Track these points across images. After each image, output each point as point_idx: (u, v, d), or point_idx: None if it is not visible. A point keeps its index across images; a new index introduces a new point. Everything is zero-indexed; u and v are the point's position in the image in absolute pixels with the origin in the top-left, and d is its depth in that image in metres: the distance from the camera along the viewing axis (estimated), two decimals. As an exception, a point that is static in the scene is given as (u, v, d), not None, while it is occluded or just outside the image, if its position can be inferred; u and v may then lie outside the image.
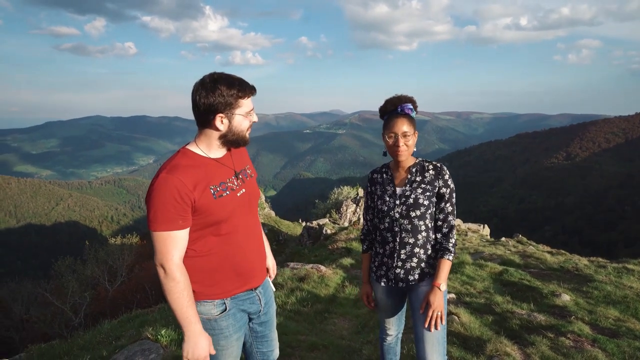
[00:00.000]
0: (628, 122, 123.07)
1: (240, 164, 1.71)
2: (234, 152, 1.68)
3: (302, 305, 4.61)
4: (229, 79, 1.49)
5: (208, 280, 1.57)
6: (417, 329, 1.94)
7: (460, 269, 5.84)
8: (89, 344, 4.08)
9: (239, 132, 1.57)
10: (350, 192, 18.64)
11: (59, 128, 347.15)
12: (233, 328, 1.64)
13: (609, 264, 6.51)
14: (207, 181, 1.51)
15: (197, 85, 1.49)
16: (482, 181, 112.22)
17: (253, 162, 1.86)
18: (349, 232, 11.38)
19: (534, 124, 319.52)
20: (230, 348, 1.66)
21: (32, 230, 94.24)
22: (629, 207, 72.31)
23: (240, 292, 1.65)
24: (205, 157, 1.57)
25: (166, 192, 1.41)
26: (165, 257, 1.44)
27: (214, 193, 1.52)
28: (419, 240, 1.95)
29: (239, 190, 1.63)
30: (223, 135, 1.56)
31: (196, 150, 1.56)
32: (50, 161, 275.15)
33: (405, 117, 1.92)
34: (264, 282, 1.79)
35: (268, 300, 1.82)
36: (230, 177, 1.62)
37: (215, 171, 1.57)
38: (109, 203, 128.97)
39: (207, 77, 1.50)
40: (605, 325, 3.64)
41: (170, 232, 1.43)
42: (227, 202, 1.55)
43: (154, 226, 1.43)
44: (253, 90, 1.56)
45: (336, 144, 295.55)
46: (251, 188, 1.71)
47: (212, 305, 1.59)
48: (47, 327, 10.46)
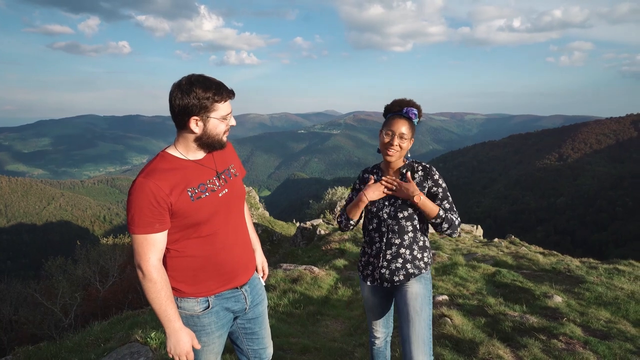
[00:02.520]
0: (619, 124, 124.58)
1: (223, 163, 1.70)
2: (216, 152, 1.67)
3: (295, 307, 4.58)
4: (206, 81, 1.48)
5: (191, 280, 1.59)
6: (403, 330, 1.95)
7: (453, 270, 5.84)
8: (78, 347, 4.01)
9: (214, 135, 1.56)
10: (345, 192, 18.64)
11: (51, 127, 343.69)
12: (215, 325, 1.65)
13: (600, 265, 6.56)
14: (185, 184, 1.52)
15: (174, 86, 1.48)
16: (475, 182, 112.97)
17: (247, 162, 1.84)
18: (342, 233, 11.36)
19: (526, 125, 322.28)
20: (212, 345, 1.68)
21: (23, 230, 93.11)
22: (620, 208, 73.15)
23: (225, 291, 1.66)
24: (184, 159, 1.57)
25: (143, 196, 1.43)
26: (143, 258, 1.47)
27: (192, 195, 1.52)
28: (405, 241, 1.97)
29: (221, 191, 1.62)
30: (198, 137, 1.55)
31: (175, 153, 1.57)
32: (42, 160, 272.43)
33: (407, 120, 1.94)
34: (251, 279, 1.79)
35: (256, 297, 1.81)
36: (211, 178, 1.61)
37: (194, 173, 1.57)
38: (102, 203, 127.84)
39: (184, 79, 1.49)
40: (597, 327, 3.65)
41: (147, 235, 1.46)
42: (206, 203, 1.55)
43: (132, 229, 1.46)
44: (231, 94, 1.55)
45: (330, 145, 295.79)
46: (235, 187, 1.71)
47: (196, 302, 1.61)
48: (37, 328, 10.31)
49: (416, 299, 1.94)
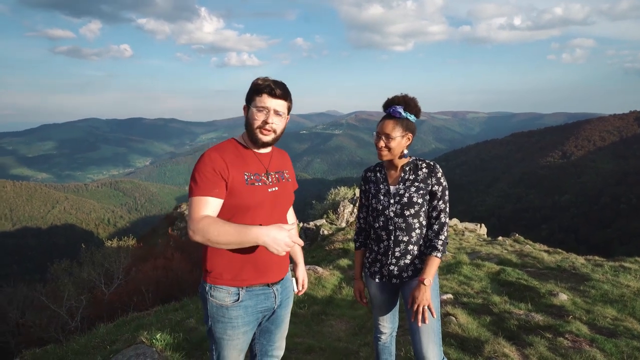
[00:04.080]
0: (622, 121, 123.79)
1: (278, 166, 1.81)
2: (275, 153, 1.81)
3: (299, 307, 4.58)
4: (263, 78, 1.65)
5: (226, 266, 1.66)
6: (412, 323, 1.95)
7: (457, 269, 5.83)
8: (84, 349, 4.04)
9: (250, 124, 1.67)
10: (347, 192, 18.62)
11: (54, 131, 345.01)
12: (242, 320, 1.69)
13: (605, 262, 6.53)
14: (244, 167, 1.66)
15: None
16: (478, 180, 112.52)
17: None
18: (346, 232, 11.36)
19: (529, 123, 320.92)
20: (236, 340, 1.70)
21: (28, 234, 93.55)
22: (625, 205, 72.69)
23: (256, 284, 1.70)
24: (246, 147, 1.72)
25: (207, 163, 1.58)
26: (195, 217, 1.52)
27: (247, 179, 1.64)
28: (412, 237, 1.98)
29: (271, 187, 1.71)
30: (245, 125, 1.70)
31: (240, 141, 1.74)
32: (46, 164, 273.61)
33: (392, 119, 1.94)
34: (283, 281, 1.83)
35: (284, 300, 1.84)
36: (265, 173, 1.72)
37: (252, 162, 1.70)
38: (106, 205, 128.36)
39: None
40: (603, 325, 3.63)
41: (203, 197, 1.54)
42: (257, 191, 1.65)
43: (194, 191, 1.56)
44: (270, 89, 1.62)
45: (333, 145, 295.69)
46: (285, 190, 1.79)
47: (227, 293, 1.66)
48: (43, 331, 10.35)
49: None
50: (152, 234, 27.91)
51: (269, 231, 1.50)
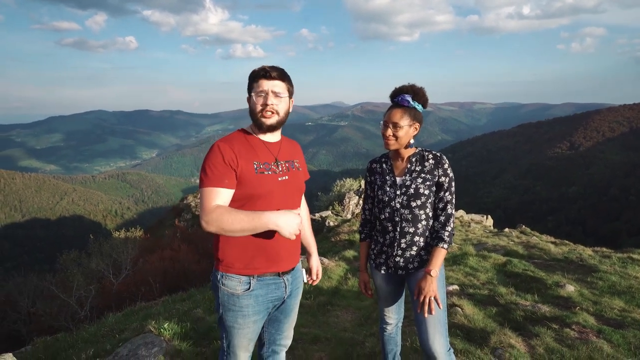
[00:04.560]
0: (633, 111, 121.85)
1: (288, 155, 1.82)
2: (285, 143, 1.82)
3: (305, 298, 4.60)
4: (260, 67, 1.69)
5: (238, 254, 1.67)
6: (418, 314, 1.95)
7: (463, 260, 5.81)
8: (94, 337, 4.10)
9: (252, 110, 1.69)
10: (353, 184, 18.60)
11: (62, 123, 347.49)
12: (253, 309, 1.71)
13: (613, 254, 6.48)
14: (253, 156, 1.67)
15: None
16: (485, 172, 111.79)
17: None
18: (351, 224, 11.37)
19: (537, 113, 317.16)
20: (247, 328, 1.73)
21: (37, 225, 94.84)
22: (634, 197, 71.93)
23: (267, 274, 1.72)
24: (255, 136, 1.73)
25: (217, 155, 1.60)
26: (207, 208, 1.54)
27: (256, 168, 1.66)
28: (419, 229, 1.97)
29: (281, 176, 1.72)
30: (250, 115, 1.72)
31: (248, 130, 1.75)
32: (54, 156, 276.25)
33: (400, 107, 1.92)
34: (294, 271, 1.84)
35: (294, 290, 1.85)
36: (275, 161, 1.73)
37: (261, 151, 1.71)
38: (113, 197, 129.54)
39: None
40: (611, 316, 3.61)
41: (214, 188, 1.57)
42: (266, 180, 1.66)
43: (204, 182, 1.58)
44: (265, 72, 1.66)
45: (338, 136, 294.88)
46: (295, 179, 1.80)
47: (238, 282, 1.68)
48: (53, 320, 10.54)
49: None
50: (159, 226, 28.12)
51: (280, 215, 1.57)
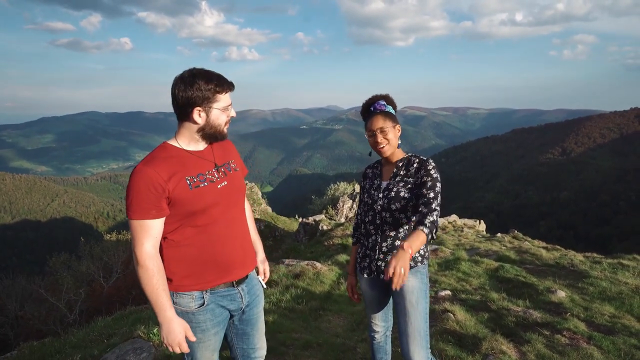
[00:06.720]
0: (623, 118, 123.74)
1: (223, 157, 1.73)
2: (215, 146, 1.71)
3: (297, 303, 4.57)
4: (207, 74, 1.54)
5: (186, 270, 1.60)
6: (399, 323, 1.96)
7: (456, 265, 5.82)
8: (82, 342, 4.04)
9: (216, 125, 1.61)
10: (347, 188, 18.62)
11: (54, 124, 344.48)
12: (211, 323, 1.65)
13: (604, 259, 6.53)
14: (183, 172, 1.55)
15: (176, 79, 1.54)
16: (478, 176, 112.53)
17: (249, 158, 1.85)
18: (345, 228, 11.37)
19: (530, 119, 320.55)
20: (208, 342, 1.68)
21: (28, 227, 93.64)
22: (624, 202, 72.86)
23: (220, 285, 1.65)
24: (183, 150, 1.61)
25: (141, 182, 1.47)
26: (137, 244, 1.49)
27: (190, 184, 1.55)
28: (400, 233, 1.97)
29: (220, 183, 1.64)
30: (201, 128, 1.59)
31: (175, 144, 1.61)
32: (45, 157, 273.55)
33: (379, 114, 1.98)
34: (249, 279, 1.78)
35: (253, 299, 1.80)
36: (210, 170, 1.64)
37: (194, 163, 1.60)
38: (105, 199, 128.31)
39: (186, 72, 1.55)
40: (601, 322, 3.63)
41: (142, 221, 1.48)
42: (204, 192, 1.58)
43: (129, 214, 1.49)
44: (231, 86, 1.61)
45: (333, 140, 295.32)
46: (235, 182, 1.72)
47: (191, 299, 1.61)
48: (42, 323, 10.39)
49: (412, 292, 1.93)
50: (152, 228, 27.85)
51: (172, 324, 1.52)
